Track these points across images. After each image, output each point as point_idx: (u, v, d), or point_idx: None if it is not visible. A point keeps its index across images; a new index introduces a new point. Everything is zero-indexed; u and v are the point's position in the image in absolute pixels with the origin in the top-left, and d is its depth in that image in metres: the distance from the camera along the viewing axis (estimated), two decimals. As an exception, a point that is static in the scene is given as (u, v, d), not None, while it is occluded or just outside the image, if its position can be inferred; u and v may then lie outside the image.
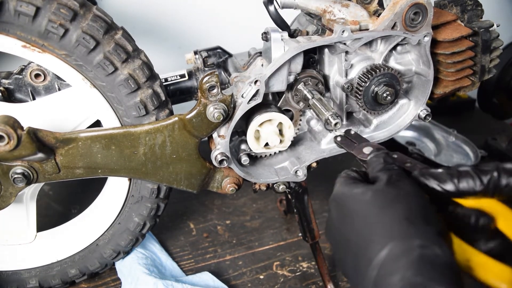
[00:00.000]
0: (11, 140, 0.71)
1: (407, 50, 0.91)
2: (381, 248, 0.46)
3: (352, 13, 0.84)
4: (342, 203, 0.55)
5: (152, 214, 0.96)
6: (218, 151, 0.85)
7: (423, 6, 0.81)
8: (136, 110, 0.82)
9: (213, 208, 1.28)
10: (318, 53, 0.91)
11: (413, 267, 0.43)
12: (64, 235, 0.99)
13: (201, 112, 0.80)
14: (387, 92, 0.84)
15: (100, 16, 0.76)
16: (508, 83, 1.62)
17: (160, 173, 0.86)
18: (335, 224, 0.55)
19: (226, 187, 0.92)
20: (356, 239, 0.50)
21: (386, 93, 0.84)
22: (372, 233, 0.48)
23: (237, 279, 1.04)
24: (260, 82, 0.80)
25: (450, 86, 0.94)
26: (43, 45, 0.75)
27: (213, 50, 1.04)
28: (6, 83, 0.88)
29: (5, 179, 0.79)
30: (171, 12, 1.48)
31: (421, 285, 0.41)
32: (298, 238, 1.16)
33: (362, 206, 0.52)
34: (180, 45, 1.53)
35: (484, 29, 0.89)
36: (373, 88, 0.85)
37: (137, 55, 0.81)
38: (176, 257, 1.11)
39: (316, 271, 1.06)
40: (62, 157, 0.80)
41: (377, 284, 0.45)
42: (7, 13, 0.71)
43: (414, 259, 0.43)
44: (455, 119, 1.81)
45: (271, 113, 0.85)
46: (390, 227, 0.47)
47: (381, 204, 0.50)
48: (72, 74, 0.80)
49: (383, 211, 0.49)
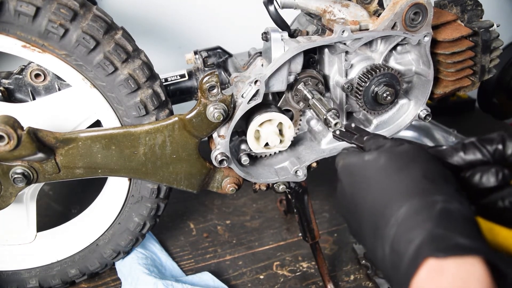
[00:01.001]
0: (11, 140, 0.71)
1: (407, 50, 0.91)
2: (400, 205, 0.45)
3: (352, 13, 0.84)
4: (355, 171, 0.53)
5: (152, 214, 0.96)
6: (218, 151, 0.85)
7: (423, 6, 0.81)
8: (136, 110, 0.82)
9: (213, 208, 1.28)
10: (318, 53, 0.91)
11: (434, 220, 0.42)
12: (64, 235, 0.99)
13: (201, 112, 0.80)
14: (387, 92, 0.84)
15: (100, 16, 0.76)
16: (508, 83, 1.62)
17: (160, 173, 0.86)
18: (347, 193, 0.54)
19: (226, 187, 0.92)
20: (372, 204, 0.49)
21: (386, 93, 0.84)
22: (390, 194, 0.47)
23: (237, 279, 1.04)
24: (260, 82, 0.80)
25: (450, 86, 0.94)
26: (43, 45, 0.75)
27: (213, 50, 1.04)
28: (6, 83, 0.88)
29: (5, 179, 0.79)
30: (171, 12, 1.48)
31: (442, 236, 0.41)
32: (298, 238, 1.16)
33: (378, 171, 0.50)
34: (180, 45, 1.53)
35: (484, 29, 0.89)
36: (373, 88, 0.85)
37: (137, 55, 0.81)
38: (176, 257, 1.11)
39: (316, 271, 1.06)
40: (62, 157, 0.80)
41: (396, 241, 0.43)
42: (7, 13, 0.71)
43: (435, 213, 0.43)
44: (455, 119, 1.81)
45: (271, 113, 0.85)
46: (409, 186, 0.46)
47: (398, 166, 0.49)
48: (72, 74, 0.79)
49: (400, 172, 0.48)
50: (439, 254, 0.39)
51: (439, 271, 0.40)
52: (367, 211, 0.49)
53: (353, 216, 0.54)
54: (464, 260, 0.39)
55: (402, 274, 0.42)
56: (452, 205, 0.43)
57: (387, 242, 0.45)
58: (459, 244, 0.40)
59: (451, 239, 0.40)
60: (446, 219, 0.42)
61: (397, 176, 0.48)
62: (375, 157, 0.52)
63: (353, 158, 0.55)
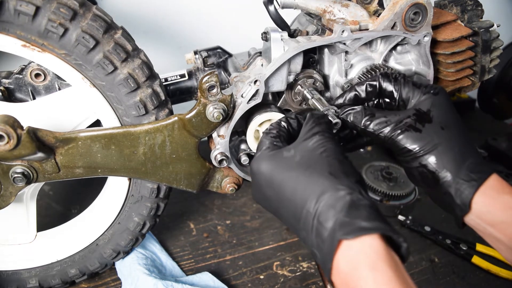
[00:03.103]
0: (11, 140, 0.71)
1: (407, 50, 0.91)
2: (316, 201, 0.58)
3: (352, 13, 0.84)
4: (274, 166, 0.64)
5: (152, 214, 0.96)
6: (218, 151, 0.85)
7: (423, 6, 0.81)
8: (136, 109, 0.82)
9: (213, 208, 1.28)
10: (318, 53, 0.91)
11: (343, 211, 0.55)
12: (64, 235, 0.99)
13: (200, 112, 0.80)
14: (387, 92, 0.84)
15: (100, 15, 0.76)
16: (508, 83, 1.62)
17: (159, 172, 0.86)
18: (264, 188, 0.65)
19: (226, 187, 0.92)
20: (291, 197, 0.61)
21: (386, 93, 0.84)
22: (306, 190, 0.60)
23: (237, 279, 1.04)
24: (260, 82, 0.80)
25: (450, 86, 0.94)
26: (43, 45, 0.75)
27: (213, 50, 1.04)
28: (7, 83, 0.88)
29: (5, 178, 0.79)
30: (171, 12, 1.48)
31: (349, 223, 0.54)
32: (298, 238, 1.15)
33: (294, 167, 0.62)
34: (180, 45, 1.53)
35: (484, 29, 0.89)
36: (373, 88, 0.85)
37: (136, 54, 0.81)
38: (176, 257, 1.10)
39: (316, 271, 1.06)
40: (62, 157, 0.80)
41: (318, 230, 0.57)
42: (7, 12, 0.71)
43: (343, 205, 0.56)
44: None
45: (271, 113, 0.85)
46: (319, 183, 0.59)
47: (309, 164, 0.62)
48: (71, 73, 0.80)
49: (311, 170, 0.61)
50: (348, 237, 0.53)
51: (348, 249, 0.53)
52: (286, 200, 0.62)
53: (272, 205, 0.66)
54: (366, 237, 0.53)
55: (325, 254, 0.55)
56: (355, 196, 0.57)
57: (311, 230, 0.58)
58: (361, 227, 0.53)
59: (355, 224, 0.54)
60: (352, 209, 0.55)
61: (309, 172, 0.61)
62: (292, 155, 0.64)
63: (271, 160, 0.66)
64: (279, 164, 0.64)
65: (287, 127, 0.72)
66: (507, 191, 0.64)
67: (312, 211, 0.58)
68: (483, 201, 0.64)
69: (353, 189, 0.58)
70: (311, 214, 0.58)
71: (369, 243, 0.53)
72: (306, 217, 0.59)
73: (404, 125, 0.68)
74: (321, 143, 0.64)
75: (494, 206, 0.63)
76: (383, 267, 0.51)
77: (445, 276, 1.05)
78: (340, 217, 0.55)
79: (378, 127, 0.70)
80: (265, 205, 0.69)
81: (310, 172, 0.61)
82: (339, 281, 0.55)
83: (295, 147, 0.65)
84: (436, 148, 0.66)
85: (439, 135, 0.67)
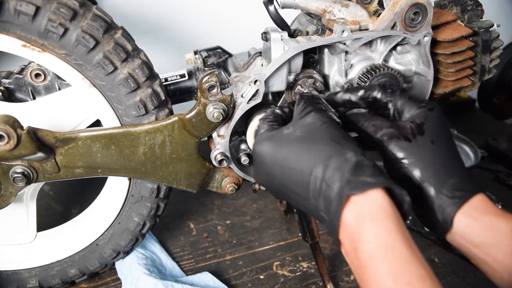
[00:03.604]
0: (11, 140, 0.71)
1: (407, 50, 0.91)
2: (324, 166, 0.61)
3: (352, 13, 0.84)
4: (277, 142, 0.67)
5: (152, 213, 0.96)
6: (218, 151, 0.85)
7: (423, 6, 0.81)
8: (136, 109, 0.82)
9: (213, 208, 1.28)
10: (318, 53, 0.91)
11: (350, 172, 0.59)
12: (64, 235, 0.99)
13: (200, 112, 0.80)
14: (387, 92, 0.84)
15: (100, 15, 0.76)
16: (508, 83, 1.62)
17: (159, 172, 0.86)
18: (268, 166, 0.67)
19: (226, 187, 0.92)
20: (298, 167, 0.63)
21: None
22: (311, 158, 0.62)
23: (237, 279, 1.04)
24: (260, 82, 0.80)
25: (450, 86, 0.94)
26: (43, 45, 0.75)
27: (213, 50, 1.04)
28: (7, 83, 0.88)
29: (5, 178, 0.79)
30: (171, 12, 1.48)
31: (355, 180, 0.58)
32: (298, 238, 1.15)
33: (295, 143, 0.65)
34: (180, 45, 1.53)
35: (484, 29, 0.89)
36: (373, 88, 0.85)
37: (136, 54, 0.81)
38: (176, 257, 1.10)
39: (316, 271, 1.06)
40: (62, 157, 0.80)
41: (326, 192, 0.60)
42: (7, 12, 0.71)
43: (349, 167, 0.59)
44: (455, 119, 1.81)
45: (271, 113, 0.85)
46: (324, 150, 0.62)
47: (309, 136, 0.65)
48: (72, 73, 0.80)
49: (314, 140, 0.64)
50: (354, 192, 0.57)
51: (355, 204, 0.57)
52: (293, 172, 0.64)
53: (276, 182, 0.68)
54: (371, 192, 0.57)
55: (333, 213, 0.58)
56: (359, 158, 0.61)
57: (319, 195, 0.61)
58: (366, 182, 0.57)
59: (361, 180, 0.57)
60: (357, 169, 0.59)
61: (312, 142, 0.64)
62: (292, 131, 0.67)
63: (274, 133, 0.69)
64: (281, 141, 0.67)
65: (281, 113, 0.76)
66: (491, 211, 0.62)
67: (320, 176, 0.60)
68: (465, 221, 0.62)
69: (357, 152, 0.61)
70: (319, 179, 0.60)
71: (373, 196, 0.56)
72: (315, 183, 0.61)
73: (396, 133, 0.68)
74: (318, 118, 0.67)
75: (478, 227, 0.62)
76: (384, 218, 0.55)
77: (445, 276, 1.05)
78: (347, 177, 0.58)
79: (373, 129, 0.71)
80: (270, 185, 0.71)
81: (313, 142, 0.64)
82: (345, 236, 0.57)
83: (293, 125, 0.68)
84: (422, 161, 0.66)
85: (427, 149, 0.66)
